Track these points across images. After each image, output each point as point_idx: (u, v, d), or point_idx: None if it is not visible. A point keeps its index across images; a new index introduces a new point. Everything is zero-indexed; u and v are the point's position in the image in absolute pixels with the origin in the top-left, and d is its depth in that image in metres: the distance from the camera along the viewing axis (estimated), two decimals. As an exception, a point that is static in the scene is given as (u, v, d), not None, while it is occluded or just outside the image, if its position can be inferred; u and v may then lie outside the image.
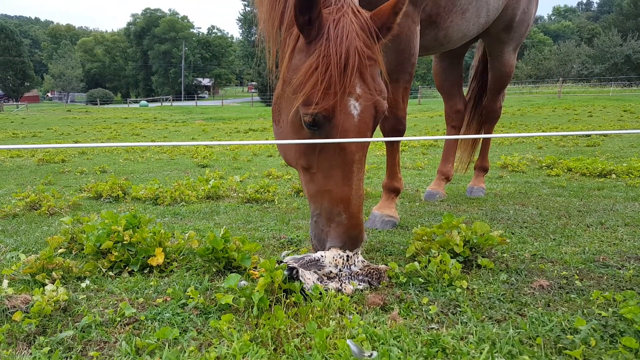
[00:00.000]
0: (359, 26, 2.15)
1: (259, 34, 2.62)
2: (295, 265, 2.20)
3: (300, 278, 2.14)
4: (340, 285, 2.22)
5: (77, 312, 2.05)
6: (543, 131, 13.90)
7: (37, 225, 3.90)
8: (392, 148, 3.66)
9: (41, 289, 2.09)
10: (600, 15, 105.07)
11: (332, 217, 2.20)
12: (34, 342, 1.80)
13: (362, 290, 2.23)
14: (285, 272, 2.15)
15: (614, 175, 5.74)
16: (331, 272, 2.23)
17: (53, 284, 2.18)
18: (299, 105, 2.13)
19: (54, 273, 2.42)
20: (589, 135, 10.50)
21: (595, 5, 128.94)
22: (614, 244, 2.96)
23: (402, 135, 3.54)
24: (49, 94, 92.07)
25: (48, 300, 2.00)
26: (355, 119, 2.13)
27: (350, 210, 2.17)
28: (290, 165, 2.55)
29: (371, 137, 2.25)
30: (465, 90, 5.38)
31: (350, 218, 2.18)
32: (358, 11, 2.21)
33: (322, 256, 2.29)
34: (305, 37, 2.17)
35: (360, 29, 2.15)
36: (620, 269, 2.48)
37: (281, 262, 2.40)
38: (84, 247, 2.77)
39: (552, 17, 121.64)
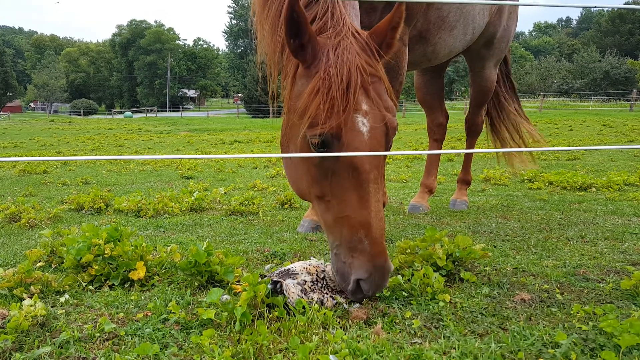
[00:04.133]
0: (360, 47, 2.14)
1: (260, 56, 2.61)
2: (280, 278, 2.19)
3: (285, 292, 2.13)
4: (323, 297, 2.21)
5: (56, 327, 2.01)
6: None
7: (16, 237, 3.82)
8: None
9: (19, 303, 2.05)
10: (580, 31, 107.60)
11: (354, 246, 2.04)
12: (10, 359, 1.76)
13: (344, 304, 2.22)
14: (269, 286, 2.14)
15: (594, 189, 5.84)
16: (305, 281, 2.23)
17: (31, 298, 2.14)
18: (306, 130, 2.07)
19: (32, 287, 2.37)
20: (569, 150, 10.68)
21: (575, 22, 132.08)
22: (594, 257, 3.00)
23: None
24: (32, 104, 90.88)
25: (25, 316, 1.96)
26: (365, 136, 2.04)
27: (372, 235, 2.01)
28: (305, 198, 2.42)
29: (384, 156, 2.20)
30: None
31: (374, 244, 2.01)
32: (357, 32, 2.21)
33: (292, 266, 2.31)
34: (302, 62, 2.15)
35: (361, 49, 2.14)
36: (600, 282, 2.52)
37: (264, 276, 2.39)
38: (64, 261, 2.72)
39: (533, 33, 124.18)
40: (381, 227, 2.05)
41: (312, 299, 2.16)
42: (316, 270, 2.32)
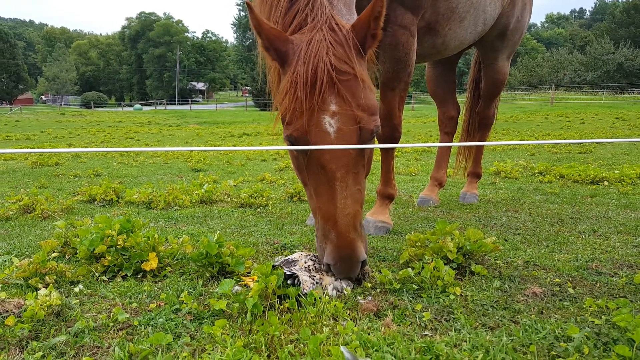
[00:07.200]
0: (335, 41, 2.12)
1: (260, 51, 2.66)
2: (297, 271, 2.24)
3: (301, 284, 2.17)
4: (322, 275, 2.26)
5: (70, 316, 2.04)
6: (536, 138, 13.99)
7: (30, 228, 3.87)
8: (387, 155, 3.69)
9: (34, 293, 2.08)
10: (593, 23, 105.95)
11: (325, 234, 2.19)
12: (27, 347, 1.79)
13: (356, 295, 2.23)
14: (289, 282, 2.20)
15: (606, 183, 5.78)
16: (309, 266, 2.30)
17: (46, 288, 2.17)
18: (283, 129, 2.21)
19: (47, 277, 2.41)
20: (581, 143, 10.57)
21: (588, 13, 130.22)
22: (607, 251, 2.98)
23: (397, 143, 3.56)
24: (42, 97, 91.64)
25: (41, 305, 1.99)
26: (332, 136, 2.08)
27: (337, 229, 2.12)
28: None
29: (361, 154, 2.20)
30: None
31: (339, 237, 2.12)
32: (337, 24, 2.19)
33: (293, 256, 2.39)
34: (278, 63, 2.24)
35: (337, 44, 2.11)
36: (613, 276, 2.50)
37: (275, 266, 2.41)
38: (78, 251, 2.75)
39: (545, 25, 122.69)
40: (347, 222, 2.12)
41: (314, 276, 2.25)
42: (315, 257, 2.39)
